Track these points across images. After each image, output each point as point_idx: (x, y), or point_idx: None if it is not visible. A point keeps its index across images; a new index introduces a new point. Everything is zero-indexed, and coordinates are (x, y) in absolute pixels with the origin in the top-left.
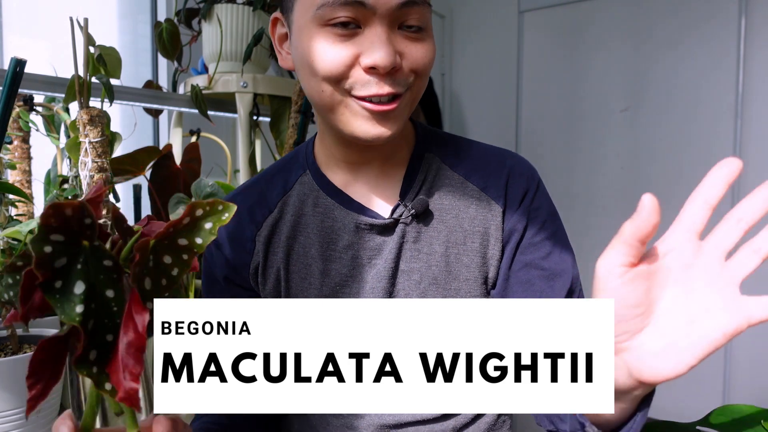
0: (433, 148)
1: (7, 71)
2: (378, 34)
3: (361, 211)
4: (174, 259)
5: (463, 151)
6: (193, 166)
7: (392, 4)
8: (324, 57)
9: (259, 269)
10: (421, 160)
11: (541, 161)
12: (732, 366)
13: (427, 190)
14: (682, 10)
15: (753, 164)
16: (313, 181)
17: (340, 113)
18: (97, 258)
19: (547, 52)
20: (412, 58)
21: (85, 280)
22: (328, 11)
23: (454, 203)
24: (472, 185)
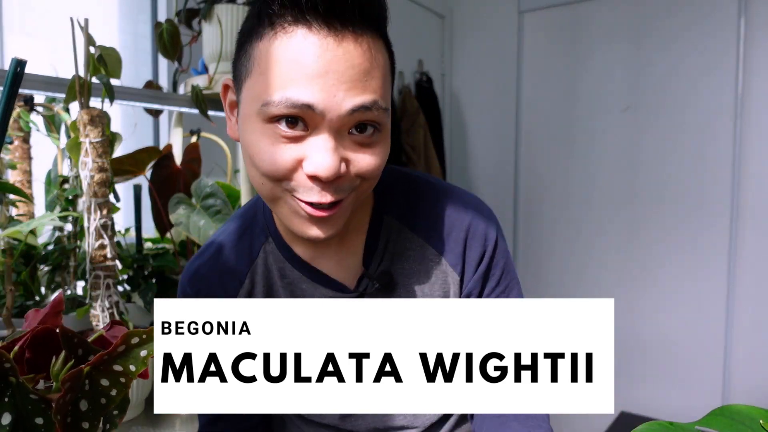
0: (393, 208)
1: (7, 71)
2: (324, 140)
3: (328, 284)
4: (111, 382)
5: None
6: (193, 166)
7: (343, 110)
8: (266, 157)
9: None
10: (380, 224)
11: (541, 161)
12: (731, 366)
13: (390, 258)
14: (682, 10)
15: (753, 164)
16: (277, 251)
17: (280, 206)
18: (23, 392)
19: (547, 52)
20: (360, 165)
21: (13, 411)
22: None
23: (415, 268)
24: (431, 249)
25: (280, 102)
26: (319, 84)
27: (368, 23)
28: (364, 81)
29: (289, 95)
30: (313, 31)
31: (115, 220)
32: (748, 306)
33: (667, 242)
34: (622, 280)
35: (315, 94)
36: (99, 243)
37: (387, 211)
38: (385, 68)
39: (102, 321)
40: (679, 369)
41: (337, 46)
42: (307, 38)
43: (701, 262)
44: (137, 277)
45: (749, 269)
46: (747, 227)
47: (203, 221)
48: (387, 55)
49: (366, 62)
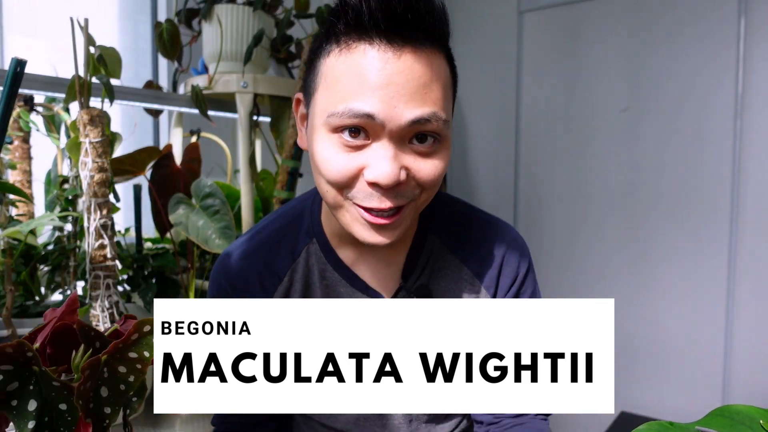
0: (436, 229)
1: (7, 71)
2: (384, 149)
3: (365, 291)
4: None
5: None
6: (193, 166)
7: (403, 121)
8: (330, 165)
9: None
10: (423, 243)
11: (541, 161)
12: (731, 366)
13: (428, 274)
14: (682, 10)
15: (753, 164)
16: (320, 252)
17: (342, 214)
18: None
19: (547, 52)
20: (420, 174)
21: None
22: (337, 120)
23: (450, 287)
24: (467, 269)
25: (343, 113)
26: (380, 95)
27: (429, 38)
28: (424, 93)
29: (351, 106)
30: (374, 46)
31: (115, 220)
32: (749, 306)
33: (667, 242)
34: (622, 280)
35: (376, 105)
36: (99, 243)
37: (431, 230)
38: (446, 81)
39: (102, 321)
40: (679, 369)
41: (397, 60)
42: (369, 53)
43: (701, 262)
44: (137, 277)
45: (749, 269)
46: (747, 227)
47: (202, 221)
48: (448, 68)
49: (425, 75)
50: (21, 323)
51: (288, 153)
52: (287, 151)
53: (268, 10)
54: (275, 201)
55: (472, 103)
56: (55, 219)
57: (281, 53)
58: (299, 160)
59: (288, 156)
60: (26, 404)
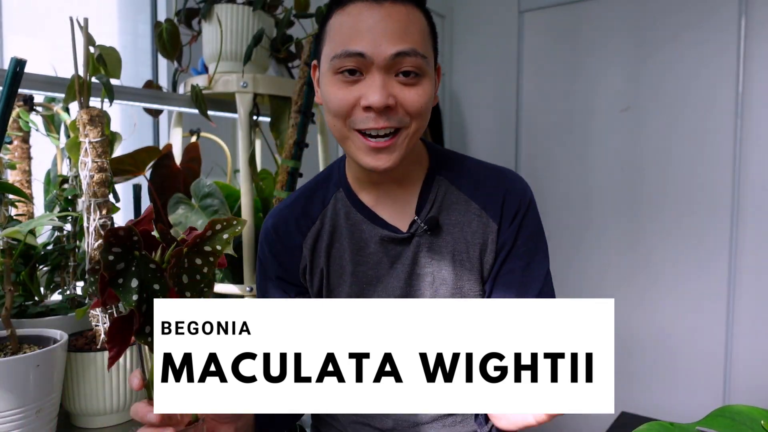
0: (444, 171)
1: (7, 71)
2: (374, 79)
3: (385, 226)
4: (203, 261)
5: (469, 173)
6: (193, 166)
7: (386, 54)
8: (334, 98)
9: (306, 269)
10: (432, 182)
11: (541, 161)
12: (732, 366)
13: (438, 208)
14: (682, 10)
15: (753, 163)
16: (346, 198)
17: (348, 145)
18: (145, 263)
19: (547, 52)
20: (406, 101)
21: (138, 277)
22: (337, 62)
23: (459, 219)
24: (474, 204)
25: (341, 54)
26: (367, 38)
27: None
28: (403, 33)
29: (346, 48)
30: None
31: (114, 219)
32: (749, 305)
33: (668, 242)
34: (622, 280)
35: (364, 45)
36: (98, 243)
37: (439, 172)
38: (423, 28)
39: (101, 321)
40: (679, 369)
41: (379, 9)
42: (357, 8)
43: (702, 262)
44: None
45: (750, 269)
46: (747, 227)
47: (201, 221)
48: (425, 20)
49: (403, 21)
50: (20, 323)
51: (288, 153)
52: (287, 150)
53: (267, 10)
54: (275, 201)
55: (472, 102)
56: (54, 219)
57: (281, 53)
58: (299, 160)
59: (288, 156)
60: (130, 282)
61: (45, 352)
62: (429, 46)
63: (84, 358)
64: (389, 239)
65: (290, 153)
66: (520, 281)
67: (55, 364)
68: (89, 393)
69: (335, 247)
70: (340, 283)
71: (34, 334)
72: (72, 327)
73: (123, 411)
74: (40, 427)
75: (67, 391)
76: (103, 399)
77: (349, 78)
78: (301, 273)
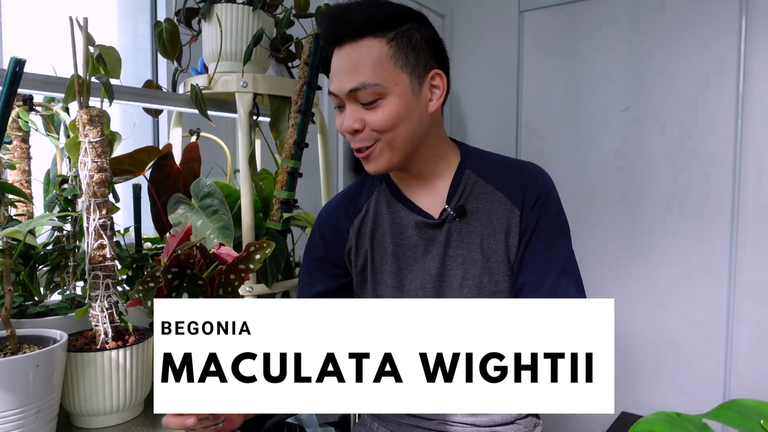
0: (472, 165)
1: (6, 71)
2: (346, 110)
3: (420, 213)
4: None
5: (495, 167)
6: (192, 166)
7: (345, 91)
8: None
9: (351, 251)
10: (461, 175)
11: (541, 161)
12: (732, 367)
13: (466, 198)
14: (683, 10)
15: (754, 163)
16: (387, 189)
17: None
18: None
19: (547, 51)
20: (370, 122)
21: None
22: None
23: (485, 207)
24: (499, 193)
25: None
26: (335, 80)
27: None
28: (354, 72)
29: (330, 88)
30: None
31: (114, 219)
32: (750, 305)
33: (668, 242)
34: (622, 280)
35: (334, 86)
36: (98, 243)
37: (468, 166)
38: (379, 56)
39: (101, 321)
40: (679, 369)
41: (339, 53)
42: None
43: (702, 262)
44: (136, 277)
45: (750, 269)
46: (748, 227)
47: (201, 221)
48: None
49: (354, 59)
50: (20, 323)
51: (288, 153)
52: (287, 150)
53: (267, 10)
54: (275, 201)
55: (472, 102)
56: (54, 219)
57: (281, 53)
58: (299, 160)
59: (288, 156)
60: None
61: (45, 352)
62: (390, 68)
63: (84, 358)
64: (423, 224)
65: (290, 153)
66: (544, 259)
67: (54, 364)
68: (89, 393)
69: (378, 231)
70: (383, 262)
71: (34, 334)
72: (72, 327)
73: (123, 411)
74: (39, 427)
75: (66, 391)
76: (103, 399)
77: (339, 111)
78: (345, 254)
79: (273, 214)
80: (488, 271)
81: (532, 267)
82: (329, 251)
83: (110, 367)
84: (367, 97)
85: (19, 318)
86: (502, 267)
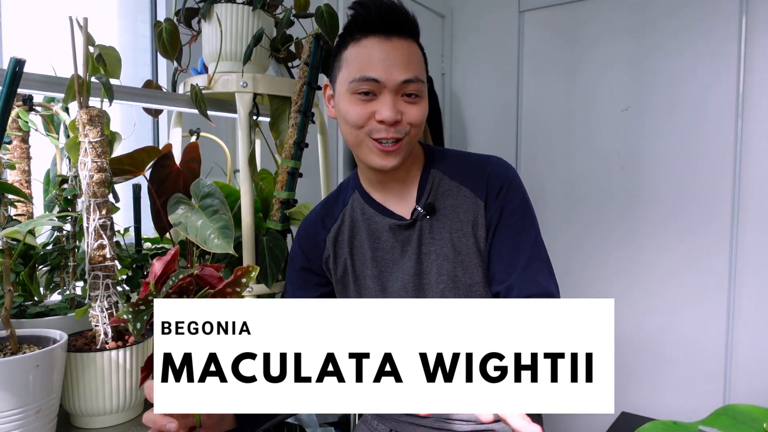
0: (436, 164)
1: (6, 71)
2: (387, 99)
3: (392, 216)
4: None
5: (458, 164)
6: (192, 166)
7: (397, 80)
8: (353, 112)
9: (329, 260)
10: (428, 175)
11: (541, 161)
12: (733, 366)
13: (434, 196)
14: (683, 9)
15: (754, 163)
16: (360, 198)
17: (362, 149)
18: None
19: (547, 51)
20: (410, 115)
21: None
22: (355, 85)
23: (452, 202)
24: (464, 188)
25: (360, 78)
26: (380, 66)
27: (406, 33)
28: (408, 63)
29: (363, 74)
30: (375, 37)
31: (114, 220)
32: (750, 305)
33: (668, 242)
34: (622, 280)
35: (379, 72)
36: (98, 243)
37: (433, 166)
38: (420, 59)
39: (101, 321)
40: (680, 369)
41: (389, 43)
42: (371, 42)
43: (702, 262)
44: (136, 277)
45: (750, 269)
46: (748, 227)
47: (201, 221)
48: (421, 52)
49: (407, 53)
50: (20, 323)
51: (288, 153)
52: (287, 150)
53: (267, 10)
54: (275, 201)
55: (472, 102)
56: (54, 219)
57: (281, 53)
58: (299, 160)
59: (288, 156)
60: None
61: (45, 353)
62: (424, 73)
63: (84, 359)
64: (397, 226)
65: (290, 153)
66: (512, 247)
67: (54, 364)
68: (89, 393)
69: (356, 239)
70: (363, 268)
71: (34, 334)
72: (72, 327)
73: (123, 411)
74: (39, 427)
75: (66, 391)
76: (103, 399)
77: (365, 98)
78: (324, 263)
79: (273, 214)
80: (461, 265)
81: (501, 255)
82: (309, 261)
83: (110, 367)
84: (415, 91)
85: (19, 318)
86: (473, 259)
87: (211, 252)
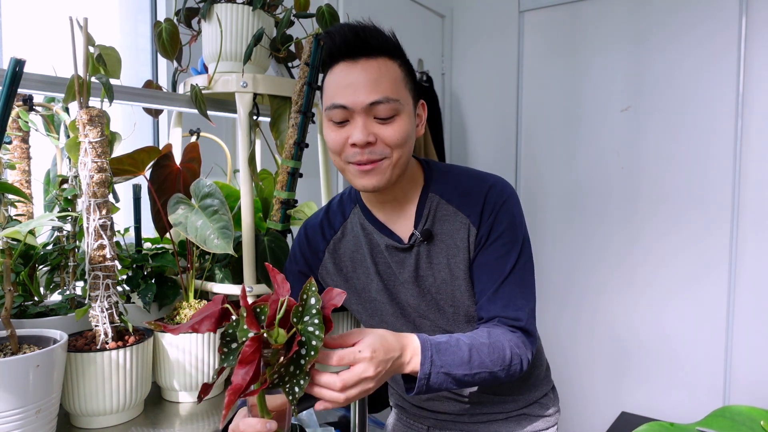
0: (435, 187)
1: (6, 71)
2: (357, 123)
3: (390, 236)
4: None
5: (456, 186)
6: (192, 166)
7: (363, 104)
8: (330, 139)
9: (325, 271)
10: (426, 199)
11: (541, 161)
12: (732, 366)
13: (431, 221)
14: (683, 10)
15: (754, 164)
16: (361, 213)
17: (346, 174)
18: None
19: (547, 51)
20: (385, 136)
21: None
22: (329, 113)
23: (449, 228)
24: (461, 214)
25: (331, 107)
26: (348, 92)
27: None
28: (375, 86)
29: (333, 102)
30: (342, 63)
31: (114, 220)
32: (749, 305)
33: (668, 242)
34: (622, 280)
35: (346, 99)
36: (98, 243)
37: (432, 190)
38: (395, 76)
39: (101, 321)
40: (679, 369)
41: (355, 67)
42: (339, 68)
43: (702, 262)
44: (136, 277)
45: (750, 269)
46: (748, 227)
47: (201, 221)
48: (398, 68)
49: (375, 74)
50: (20, 323)
51: (288, 153)
52: (287, 151)
53: (267, 10)
54: (275, 201)
55: (472, 102)
56: (54, 219)
57: (281, 53)
58: (299, 160)
59: (288, 156)
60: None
61: (45, 353)
62: (403, 89)
63: (84, 359)
64: (393, 247)
65: (290, 153)
66: (490, 270)
67: (54, 364)
68: (89, 393)
69: (358, 252)
70: (368, 281)
71: (34, 334)
72: (72, 327)
73: (123, 411)
74: (39, 427)
75: (66, 391)
76: (103, 399)
77: (338, 124)
78: (320, 271)
79: (273, 214)
80: (457, 288)
81: (480, 277)
82: (308, 267)
83: (110, 367)
84: (387, 112)
85: (19, 318)
86: (466, 284)
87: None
